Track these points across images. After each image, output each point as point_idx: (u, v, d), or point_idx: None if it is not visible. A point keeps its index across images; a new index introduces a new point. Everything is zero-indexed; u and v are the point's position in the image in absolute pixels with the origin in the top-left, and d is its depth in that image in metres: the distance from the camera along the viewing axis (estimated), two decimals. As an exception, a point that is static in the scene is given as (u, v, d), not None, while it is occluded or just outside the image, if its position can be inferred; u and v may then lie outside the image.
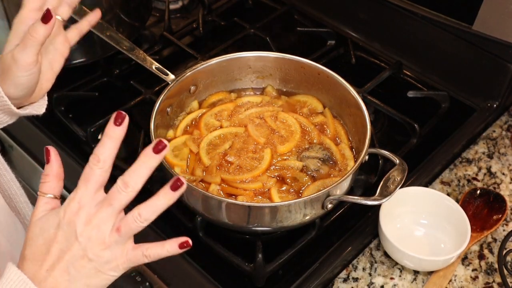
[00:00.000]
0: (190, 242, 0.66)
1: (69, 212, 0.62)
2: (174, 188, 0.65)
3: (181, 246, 0.66)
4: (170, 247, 0.66)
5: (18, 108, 0.81)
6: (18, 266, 0.63)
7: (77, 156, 1.08)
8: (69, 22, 1.14)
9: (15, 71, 0.75)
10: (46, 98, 0.85)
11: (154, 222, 0.92)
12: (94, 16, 0.87)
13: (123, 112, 0.62)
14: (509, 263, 0.93)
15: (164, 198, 0.65)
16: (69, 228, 0.62)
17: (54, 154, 0.67)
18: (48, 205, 0.66)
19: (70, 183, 1.08)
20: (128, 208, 0.64)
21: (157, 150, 0.63)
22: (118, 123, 0.62)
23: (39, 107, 0.85)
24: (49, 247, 0.62)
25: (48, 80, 0.83)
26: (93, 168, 0.64)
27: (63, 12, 0.83)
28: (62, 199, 1.12)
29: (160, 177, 1.00)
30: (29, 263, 0.62)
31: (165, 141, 0.63)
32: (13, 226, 0.88)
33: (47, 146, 0.68)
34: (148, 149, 0.63)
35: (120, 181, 0.63)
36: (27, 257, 0.63)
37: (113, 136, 0.63)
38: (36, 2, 0.77)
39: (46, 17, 0.71)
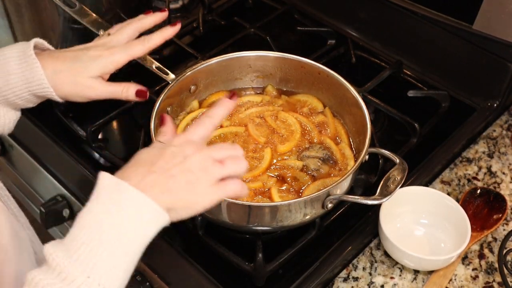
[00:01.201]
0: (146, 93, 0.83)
1: (179, 141, 0.72)
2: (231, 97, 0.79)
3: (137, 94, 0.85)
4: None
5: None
6: (117, 174, 0.67)
7: (77, 156, 1.08)
8: (70, 23, 1.14)
9: (85, 96, 0.88)
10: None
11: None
12: (169, 32, 0.95)
13: (234, 94, 0.78)
14: (509, 263, 0.93)
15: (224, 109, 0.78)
16: (179, 149, 0.70)
17: (169, 119, 0.78)
18: (160, 146, 0.73)
19: (71, 182, 1.09)
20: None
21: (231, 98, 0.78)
22: (231, 97, 0.77)
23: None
24: (158, 159, 0.69)
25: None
26: (205, 121, 0.75)
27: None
28: (63, 198, 1.13)
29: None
30: (131, 169, 0.68)
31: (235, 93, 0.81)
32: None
33: (163, 114, 0.79)
34: (224, 98, 0.78)
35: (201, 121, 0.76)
36: (130, 165, 0.69)
37: (226, 106, 0.77)
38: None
39: (141, 94, 0.90)
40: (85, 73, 0.86)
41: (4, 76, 0.82)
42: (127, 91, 0.89)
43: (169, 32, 0.93)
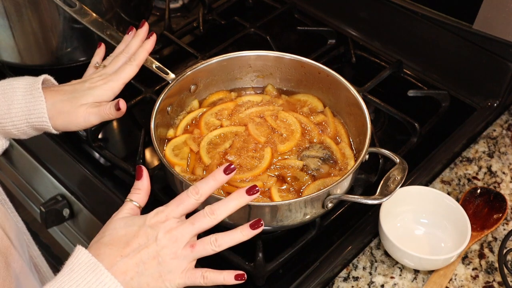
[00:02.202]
0: (245, 276, 0.73)
1: (156, 219, 0.71)
2: (254, 227, 0.73)
3: (236, 277, 0.73)
4: (227, 276, 0.73)
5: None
6: (90, 251, 0.69)
7: (78, 156, 1.08)
8: (70, 22, 1.14)
9: (80, 125, 0.88)
10: None
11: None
12: (149, 45, 0.97)
13: (234, 166, 0.74)
14: (510, 262, 0.93)
15: (242, 233, 0.73)
16: (152, 230, 0.70)
17: (145, 173, 0.78)
18: (132, 210, 0.75)
19: (71, 182, 1.09)
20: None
21: (250, 192, 0.73)
22: (227, 172, 0.74)
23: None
24: (130, 240, 0.70)
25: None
26: (190, 196, 0.73)
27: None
28: (63, 198, 1.13)
29: (160, 176, 1.00)
30: (106, 248, 0.69)
31: (258, 187, 0.74)
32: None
33: (140, 166, 0.78)
34: (242, 190, 0.73)
35: (208, 208, 0.73)
36: (105, 242, 0.70)
37: (218, 180, 0.74)
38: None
39: (119, 107, 0.88)
40: (80, 101, 0.88)
41: (7, 105, 0.85)
42: (110, 108, 0.89)
43: (150, 44, 0.96)
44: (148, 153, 1.09)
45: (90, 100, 0.88)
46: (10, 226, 0.85)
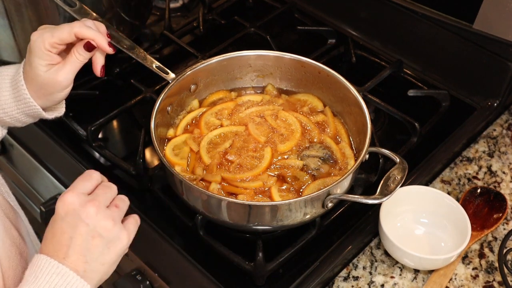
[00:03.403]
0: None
1: (64, 207, 0.68)
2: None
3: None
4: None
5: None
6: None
7: (78, 155, 1.08)
8: (71, 22, 1.14)
9: (58, 91, 0.84)
10: (64, 100, 0.92)
11: (155, 221, 0.93)
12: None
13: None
14: (510, 262, 0.93)
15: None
16: (71, 217, 0.67)
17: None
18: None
19: (71, 182, 1.09)
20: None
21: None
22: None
23: (61, 109, 0.93)
24: (59, 239, 0.67)
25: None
26: (92, 176, 0.72)
27: None
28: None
29: (160, 176, 1.00)
30: (46, 258, 0.67)
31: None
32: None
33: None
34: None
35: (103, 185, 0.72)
36: (45, 251, 0.68)
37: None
38: (61, 40, 0.83)
39: (89, 45, 0.83)
40: (43, 60, 0.83)
41: None
42: (77, 51, 0.84)
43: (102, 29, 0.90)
44: (148, 153, 1.09)
45: (48, 42, 0.82)
46: (17, 218, 0.86)
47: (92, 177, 0.72)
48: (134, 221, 0.73)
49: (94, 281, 0.69)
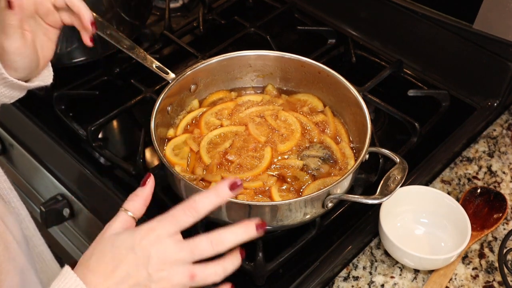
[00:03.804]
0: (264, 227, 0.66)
1: (147, 239, 0.63)
2: (259, 227, 0.66)
3: (257, 227, 0.66)
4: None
5: (26, 82, 0.84)
6: (77, 273, 0.62)
7: (77, 155, 1.08)
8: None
9: (10, 58, 0.78)
10: (50, 68, 0.88)
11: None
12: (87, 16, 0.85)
13: (241, 182, 0.65)
14: (510, 262, 0.93)
15: (238, 259, 0.67)
16: (143, 254, 0.62)
17: (151, 181, 0.70)
18: (126, 222, 0.67)
19: (71, 182, 1.09)
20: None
21: (260, 227, 0.65)
22: (232, 188, 0.65)
23: (46, 78, 0.87)
24: (117, 266, 0.62)
25: (48, 49, 0.85)
26: (187, 214, 0.65)
27: None
28: (63, 197, 1.13)
29: (160, 176, 1.00)
30: (91, 275, 0.62)
31: (265, 224, 0.66)
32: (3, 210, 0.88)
33: (150, 173, 0.70)
34: (251, 224, 0.65)
35: (214, 236, 0.64)
36: (91, 267, 0.63)
37: (221, 196, 0.65)
38: None
39: (10, 4, 0.75)
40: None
41: None
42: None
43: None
44: (148, 153, 1.09)
45: None
46: (13, 221, 0.85)
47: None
48: None
49: None
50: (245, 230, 0.65)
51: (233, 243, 0.64)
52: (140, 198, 0.69)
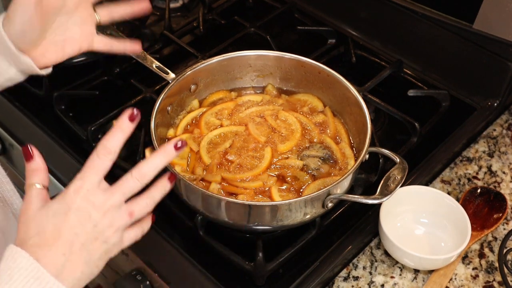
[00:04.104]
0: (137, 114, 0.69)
1: (79, 198, 0.65)
2: (170, 179, 0.72)
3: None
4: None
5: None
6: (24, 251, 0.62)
7: (78, 155, 1.08)
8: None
9: (15, 17, 0.76)
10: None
11: (155, 221, 0.92)
12: (137, 8, 0.88)
13: (137, 110, 0.68)
14: (510, 262, 0.93)
15: (165, 186, 0.72)
16: (82, 212, 0.64)
17: (36, 151, 0.70)
18: (41, 195, 0.67)
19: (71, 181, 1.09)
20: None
21: (176, 148, 0.69)
22: (131, 118, 0.68)
23: (47, 69, 0.85)
24: (61, 231, 0.63)
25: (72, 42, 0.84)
26: (101, 157, 0.66)
27: None
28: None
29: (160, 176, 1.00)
30: (40, 250, 0.62)
31: (182, 141, 0.69)
32: (3, 216, 0.88)
33: (27, 144, 0.70)
34: (169, 146, 0.69)
35: (136, 171, 0.68)
36: (38, 244, 0.63)
37: (125, 129, 0.68)
38: None
39: None
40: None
41: None
42: None
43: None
44: (148, 153, 1.09)
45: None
46: (10, 227, 0.85)
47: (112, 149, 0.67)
48: (140, 231, 0.71)
49: (72, 282, 0.64)
50: (164, 155, 0.69)
51: (155, 171, 0.68)
52: (39, 170, 0.69)
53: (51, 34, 0.82)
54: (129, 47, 0.91)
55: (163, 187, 0.71)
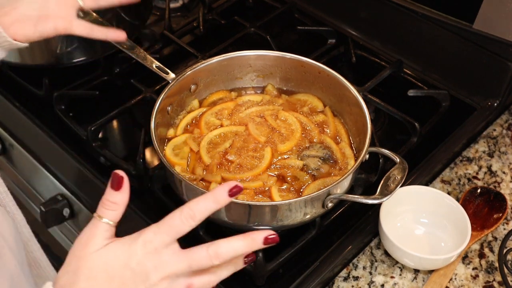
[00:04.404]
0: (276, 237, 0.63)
1: (143, 253, 0.59)
2: (246, 259, 0.65)
3: (265, 241, 0.64)
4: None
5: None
6: None
7: (78, 155, 1.08)
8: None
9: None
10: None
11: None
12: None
13: (241, 186, 0.62)
14: (510, 262, 0.93)
15: (237, 265, 0.65)
16: (141, 270, 0.59)
17: (126, 184, 0.63)
18: (107, 232, 0.62)
19: (71, 182, 1.09)
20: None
21: (267, 241, 0.63)
22: (231, 193, 0.61)
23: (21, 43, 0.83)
24: (113, 285, 0.58)
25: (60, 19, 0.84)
26: (183, 220, 0.60)
27: None
28: (63, 197, 1.13)
29: (160, 176, 1.00)
30: None
31: (275, 235, 0.63)
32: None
33: (119, 173, 0.63)
34: (258, 235, 0.62)
35: (213, 248, 0.61)
36: (80, 283, 0.58)
37: (219, 202, 0.62)
38: None
39: None
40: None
41: None
42: None
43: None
44: (148, 153, 1.09)
45: None
46: (7, 226, 0.85)
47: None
48: None
49: None
50: (247, 244, 0.62)
51: (231, 256, 0.62)
52: (119, 206, 0.62)
53: (25, 7, 0.81)
54: (112, 34, 0.88)
55: (235, 266, 0.65)
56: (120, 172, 0.62)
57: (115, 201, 0.62)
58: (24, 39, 0.82)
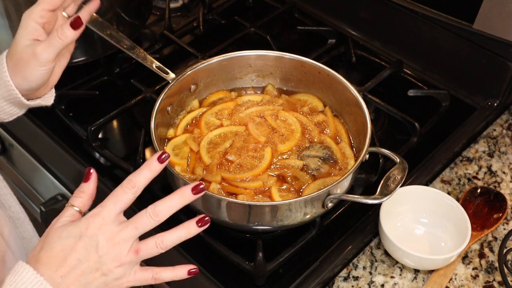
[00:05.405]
0: (197, 270, 0.71)
1: (93, 225, 0.66)
2: (200, 223, 0.69)
3: (189, 273, 0.70)
4: (179, 272, 0.70)
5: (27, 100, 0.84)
6: (31, 266, 0.64)
7: (77, 155, 1.08)
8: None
9: (33, 66, 0.78)
10: (53, 90, 0.89)
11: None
12: (93, 5, 0.85)
13: (168, 153, 0.68)
14: (510, 262, 0.93)
15: (187, 231, 0.69)
16: (91, 240, 0.65)
17: (94, 176, 0.71)
18: (73, 216, 0.69)
19: (71, 182, 1.09)
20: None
21: (194, 191, 0.69)
22: (161, 160, 0.68)
23: (48, 99, 0.88)
24: (67, 255, 0.65)
25: (55, 74, 0.86)
26: (126, 191, 0.67)
27: (69, 9, 0.84)
28: (63, 197, 1.13)
29: (160, 176, 1.00)
30: (43, 267, 0.64)
31: (203, 185, 0.69)
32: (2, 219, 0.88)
33: (90, 168, 0.71)
34: (186, 189, 0.68)
35: (151, 208, 0.67)
36: (41, 260, 0.65)
37: (152, 169, 0.68)
38: (51, 3, 0.78)
39: (76, 23, 0.77)
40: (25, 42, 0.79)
41: None
42: (62, 28, 0.78)
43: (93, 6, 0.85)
44: (148, 153, 1.09)
45: (36, 10, 0.78)
46: (9, 230, 0.85)
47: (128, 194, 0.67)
48: (151, 277, 0.69)
49: None
50: (180, 197, 0.68)
51: (170, 212, 0.68)
52: (85, 194, 0.70)
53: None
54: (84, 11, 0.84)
55: (187, 230, 0.69)
56: (90, 168, 0.71)
57: (82, 190, 0.70)
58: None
